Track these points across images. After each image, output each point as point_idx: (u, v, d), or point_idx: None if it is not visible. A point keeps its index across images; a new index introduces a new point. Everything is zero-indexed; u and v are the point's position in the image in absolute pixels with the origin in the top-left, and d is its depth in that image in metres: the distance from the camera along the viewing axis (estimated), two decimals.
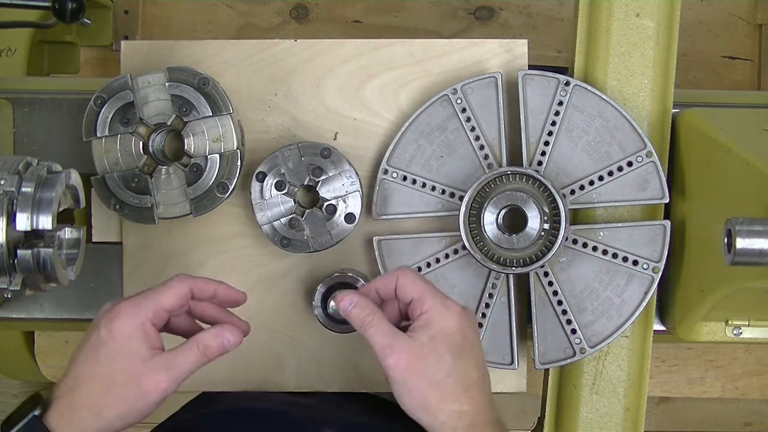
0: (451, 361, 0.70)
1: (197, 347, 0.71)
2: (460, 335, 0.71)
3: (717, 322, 0.88)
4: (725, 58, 1.77)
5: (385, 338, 0.70)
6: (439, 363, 0.70)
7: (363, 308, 0.72)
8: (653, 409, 1.80)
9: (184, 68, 0.83)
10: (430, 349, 0.70)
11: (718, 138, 0.80)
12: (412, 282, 0.73)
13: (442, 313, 0.71)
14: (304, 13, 1.80)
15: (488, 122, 0.88)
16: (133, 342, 0.69)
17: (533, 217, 0.83)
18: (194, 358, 0.71)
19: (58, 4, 0.89)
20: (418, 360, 0.69)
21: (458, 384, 0.70)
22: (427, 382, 0.69)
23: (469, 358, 0.72)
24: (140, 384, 0.69)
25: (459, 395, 0.70)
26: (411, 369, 0.69)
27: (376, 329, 0.71)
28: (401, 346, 0.70)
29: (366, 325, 0.71)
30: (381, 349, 0.70)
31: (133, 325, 0.69)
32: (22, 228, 0.70)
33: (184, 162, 0.83)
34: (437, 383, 0.70)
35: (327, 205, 0.85)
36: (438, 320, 0.71)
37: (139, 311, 0.70)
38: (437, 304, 0.71)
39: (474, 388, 0.71)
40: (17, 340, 1.33)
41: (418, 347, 0.70)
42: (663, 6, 0.87)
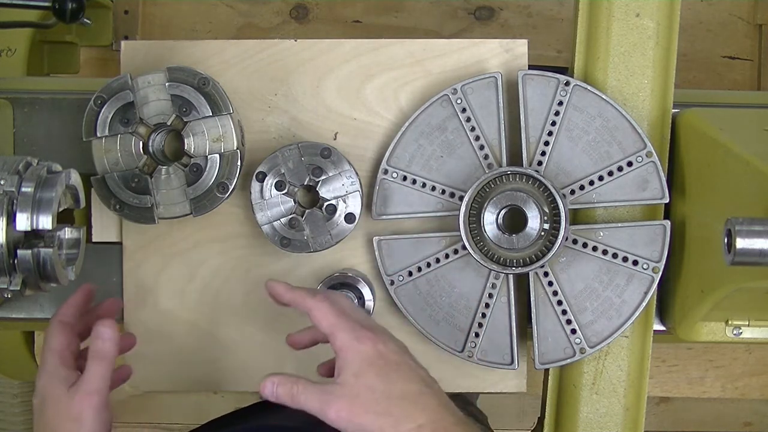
0: (383, 387, 0.69)
1: (94, 360, 0.76)
2: (381, 360, 0.70)
3: (717, 322, 0.88)
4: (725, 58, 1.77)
5: (317, 398, 0.70)
6: (373, 395, 0.69)
7: (284, 384, 0.72)
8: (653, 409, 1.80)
9: (184, 68, 0.83)
10: (360, 386, 0.69)
11: (718, 138, 0.80)
12: (323, 317, 0.72)
13: (356, 347, 0.70)
14: (304, 13, 1.81)
15: (488, 122, 0.88)
16: (50, 389, 0.76)
17: (533, 217, 0.83)
18: (99, 369, 0.76)
19: (58, 4, 0.88)
20: (355, 400, 0.69)
21: (403, 403, 0.69)
22: (373, 416, 0.69)
23: (401, 376, 0.71)
24: (76, 416, 0.74)
25: (410, 412, 0.69)
26: (353, 412, 0.69)
27: (305, 395, 0.70)
28: (334, 397, 0.69)
29: (295, 397, 0.71)
30: (319, 410, 0.70)
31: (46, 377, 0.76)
32: (22, 228, 0.70)
33: (184, 162, 0.83)
34: (383, 412, 0.69)
35: (327, 205, 0.85)
36: (354, 355, 0.70)
37: (45, 366, 0.77)
38: (348, 339, 0.71)
39: (422, 399, 0.70)
40: (17, 340, 1.33)
41: (348, 389, 0.69)
42: (663, 6, 0.87)
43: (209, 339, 0.92)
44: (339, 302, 0.74)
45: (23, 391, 1.51)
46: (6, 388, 1.51)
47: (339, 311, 0.73)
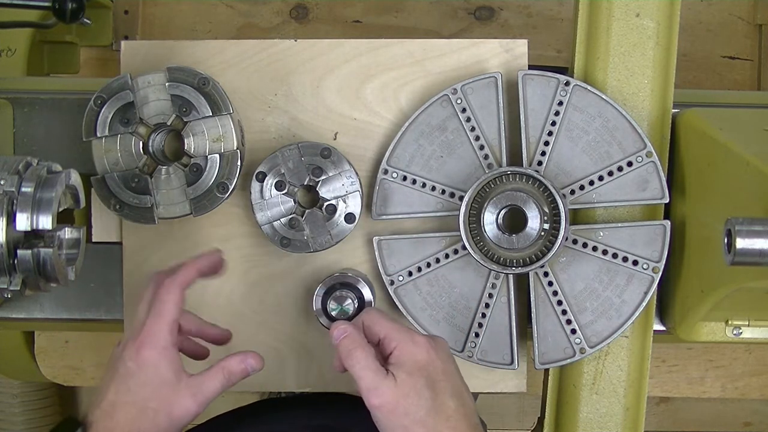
0: (429, 396, 0.71)
1: (222, 373, 0.76)
2: (432, 367, 0.72)
3: (717, 322, 0.88)
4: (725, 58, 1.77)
5: (370, 377, 0.72)
6: (419, 400, 0.71)
7: (351, 341, 0.74)
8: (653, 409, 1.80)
9: (184, 68, 0.83)
10: (410, 387, 0.71)
11: (718, 138, 0.80)
12: (376, 322, 0.75)
13: (411, 349, 0.72)
14: (304, 13, 1.81)
15: (488, 122, 0.88)
16: (160, 370, 0.74)
17: (533, 217, 0.83)
18: (219, 384, 0.75)
19: (58, 4, 0.88)
20: (402, 399, 0.71)
21: (439, 418, 0.71)
22: (410, 421, 0.70)
23: (445, 388, 0.72)
24: (171, 410, 0.74)
25: (441, 428, 0.71)
26: (396, 411, 0.71)
27: (362, 366, 0.72)
28: (385, 387, 0.71)
29: (354, 360, 0.73)
30: (365, 389, 0.71)
31: (157, 353, 0.74)
32: (22, 228, 0.70)
33: (184, 162, 0.83)
34: (420, 421, 0.71)
35: (327, 205, 0.85)
36: (408, 356, 0.72)
37: (157, 338, 0.74)
38: (404, 340, 0.73)
39: (454, 418, 0.72)
40: (17, 340, 1.33)
41: (398, 387, 0.71)
42: (663, 6, 0.87)
43: None
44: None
45: (23, 391, 1.52)
46: (6, 388, 1.52)
47: (390, 317, 0.76)
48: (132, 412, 0.73)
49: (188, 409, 0.74)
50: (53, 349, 1.32)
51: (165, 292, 0.75)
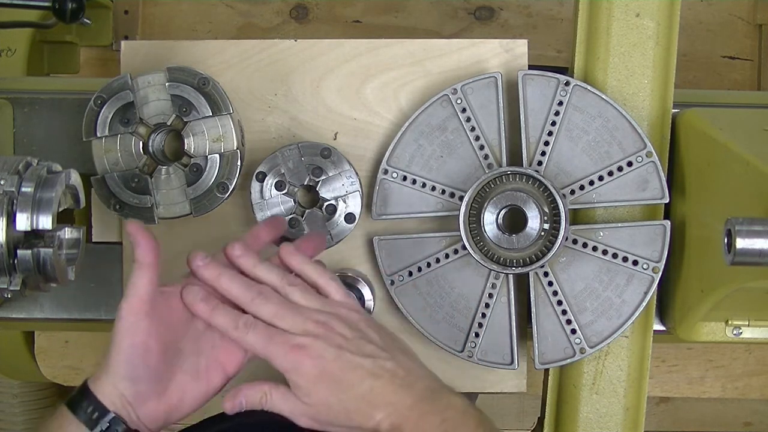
0: (336, 399, 0.71)
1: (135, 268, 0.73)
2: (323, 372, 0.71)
3: (717, 322, 0.88)
4: (725, 58, 1.77)
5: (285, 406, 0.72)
6: (330, 409, 0.71)
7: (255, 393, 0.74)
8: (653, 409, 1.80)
9: (184, 68, 0.83)
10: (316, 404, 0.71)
11: (718, 138, 0.80)
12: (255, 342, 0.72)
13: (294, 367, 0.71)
14: (304, 13, 1.81)
15: (488, 122, 0.88)
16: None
17: (533, 217, 0.83)
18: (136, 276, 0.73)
19: (58, 4, 0.89)
20: (318, 417, 0.71)
21: (359, 405, 0.71)
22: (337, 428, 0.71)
23: (348, 378, 0.71)
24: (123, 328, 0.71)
25: (366, 412, 0.71)
26: (319, 421, 0.71)
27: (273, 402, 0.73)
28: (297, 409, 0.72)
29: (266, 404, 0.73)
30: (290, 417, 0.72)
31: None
32: (22, 228, 0.70)
33: (184, 162, 0.83)
34: (345, 422, 0.71)
35: (327, 205, 0.85)
36: (297, 376, 0.71)
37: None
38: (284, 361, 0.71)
39: (374, 393, 0.71)
40: (17, 340, 1.33)
41: (307, 408, 0.71)
42: (663, 6, 0.87)
43: None
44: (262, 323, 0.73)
45: (23, 391, 1.51)
46: (6, 388, 1.51)
47: (268, 335, 0.72)
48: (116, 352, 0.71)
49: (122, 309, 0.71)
50: (53, 349, 1.32)
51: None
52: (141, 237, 0.72)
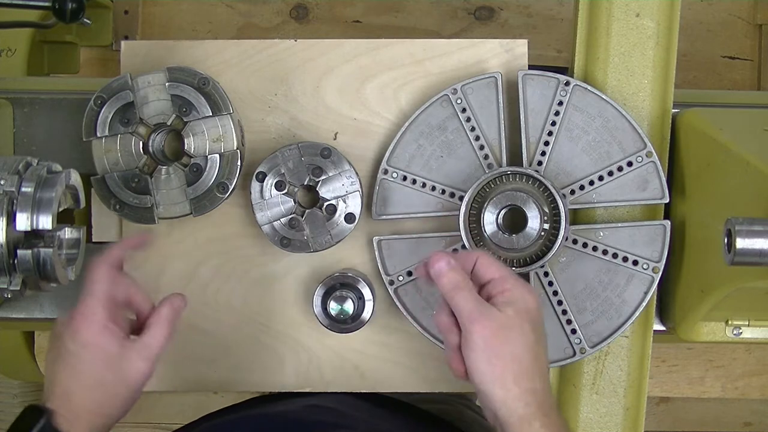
0: (533, 338, 0.71)
1: (159, 324, 0.76)
2: (538, 315, 0.73)
3: (717, 322, 0.88)
4: (725, 58, 1.77)
5: (475, 305, 0.71)
6: (522, 337, 0.71)
7: (457, 273, 0.73)
8: (653, 409, 1.80)
9: (184, 68, 0.83)
10: (516, 323, 0.71)
11: (718, 138, 0.80)
12: (492, 263, 0.74)
13: (524, 294, 0.72)
14: (304, 13, 1.81)
15: (488, 122, 0.88)
16: (102, 344, 0.73)
17: (533, 217, 0.83)
18: (162, 334, 0.76)
19: (58, 4, 0.88)
20: (504, 331, 0.70)
21: (535, 361, 0.71)
22: (509, 353, 0.70)
23: (543, 340, 0.73)
24: (125, 377, 0.74)
25: (535, 373, 0.71)
26: (496, 338, 0.70)
27: (466, 295, 0.72)
28: (488, 315, 0.70)
29: (457, 289, 0.72)
30: (469, 314, 0.71)
31: (94, 329, 0.73)
32: (22, 228, 0.70)
33: (184, 162, 0.83)
34: (518, 357, 0.70)
35: (327, 205, 0.85)
36: (521, 298, 0.72)
37: (93, 316, 0.74)
38: (519, 285, 0.73)
39: (545, 368, 0.73)
40: (17, 340, 1.33)
41: (504, 319, 0.71)
42: (663, 6, 0.87)
43: (209, 339, 0.92)
44: None
45: (23, 391, 1.51)
46: (6, 388, 1.51)
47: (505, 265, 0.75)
48: (88, 392, 0.73)
49: (142, 371, 0.75)
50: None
51: (94, 270, 0.75)
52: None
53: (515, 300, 0.72)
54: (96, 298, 0.74)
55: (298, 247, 0.86)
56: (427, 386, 0.91)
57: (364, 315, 0.86)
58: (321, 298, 0.86)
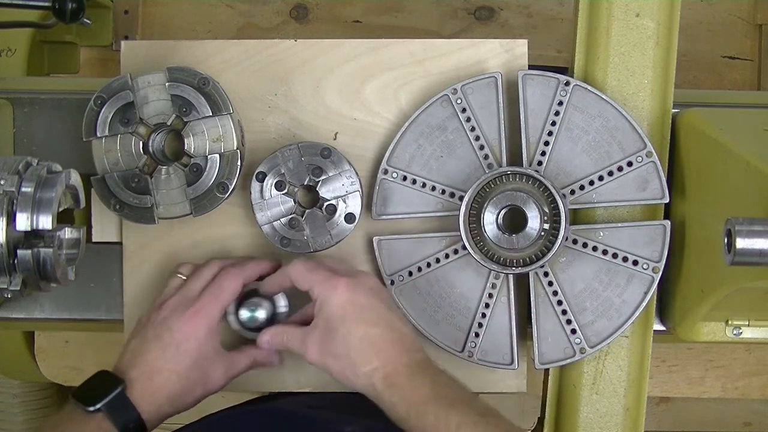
0: (344, 332, 0.76)
1: (250, 358, 0.84)
2: (349, 305, 0.77)
3: (717, 322, 0.88)
4: (725, 58, 1.77)
5: (297, 340, 0.80)
6: (337, 339, 0.76)
7: (274, 334, 0.82)
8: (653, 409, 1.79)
9: (184, 68, 0.83)
10: (327, 330, 0.77)
11: (718, 138, 0.80)
12: (300, 275, 0.80)
13: (329, 294, 0.77)
14: (304, 13, 1.81)
15: (488, 122, 0.88)
16: (204, 345, 0.80)
17: (533, 217, 0.83)
18: (246, 366, 0.84)
19: (58, 4, 0.88)
20: (323, 344, 0.77)
21: (360, 348, 0.76)
22: (335, 358, 0.77)
23: (365, 320, 0.77)
24: (206, 381, 0.81)
25: (366, 356, 0.76)
26: (322, 354, 0.77)
27: (288, 339, 0.81)
28: (309, 340, 0.78)
29: (282, 344, 0.81)
30: (298, 350, 0.80)
31: (204, 329, 0.80)
32: (22, 228, 0.70)
33: (184, 162, 0.83)
34: (344, 356, 0.76)
35: (327, 205, 0.85)
36: (326, 302, 0.77)
37: (209, 317, 0.80)
38: (323, 288, 0.78)
39: (382, 343, 0.76)
40: (17, 340, 1.33)
41: (319, 334, 0.78)
42: (663, 6, 0.87)
43: None
44: (313, 258, 0.83)
45: (23, 391, 1.51)
46: (6, 388, 1.51)
47: (312, 266, 0.80)
48: (173, 379, 0.78)
49: (220, 383, 0.81)
50: (53, 349, 1.32)
51: (228, 278, 0.82)
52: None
53: (321, 307, 0.78)
54: (219, 303, 0.81)
55: (298, 247, 0.86)
56: None
57: (279, 320, 0.86)
58: (235, 305, 0.85)
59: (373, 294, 0.79)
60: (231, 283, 0.82)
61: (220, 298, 0.81)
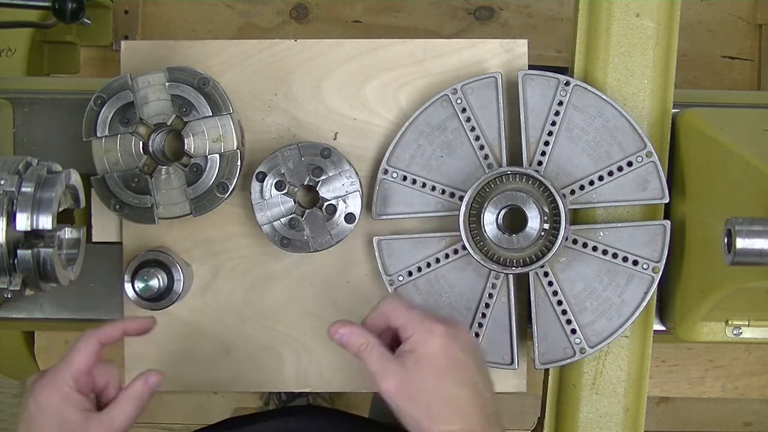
0: (433, 384, 0.72)
1: (130, 401, 0.76)
2: (443, 356, 0.72)
3: (717, 322, 0.88)
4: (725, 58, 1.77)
5: (378, 363, 0.73)
6: (423, 387, 0.72)
7: (354, 334, 0.75)
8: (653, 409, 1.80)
9: (184, 68, 0.83)
10: (415, 374, 0.72)
11: (718, 138, 0.80)
12: (396, 310, 0.75)
13: (425, 338, 0.73)
14: (304, 13, 1.81)
15: (488, 122, 0.88)
16: (64, 412, 0.74)
17: (533, 217, 0.83)
18: (131, 411, 0.76)
19: (58, 4, 0.89)
20: (406, 384, 0.72)
21: (445, 405, 0.72)
22: (415, 405, 0.71)
23: (456, 377, 0.73)
24: None
25: (448, 416, 0.71)
26: (400, 394, 0.72)
27: (367, 351, 0.74)
28: (391, 372, 0.72)
29: (361, 352, 0.74)
30: (374, 374, 0.73)
31: (58, 396, 0.74)
32: (22, 228, 0.70)
33: (184, 162, 0.83)
34: (425, 406, 0.71)
35: (327, 205, 0.85)
36: (421, 345, 0.73)
37: (59, 383, 0.74)
38: (420, 329, 0.73)
39: (467, 406, 0.72)
40: (17, 340, 1.33)
41: (404, 372, 0.72)
42: (663, 6, 0.87)
43: (209, 339, 0.92)
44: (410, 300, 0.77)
45: (23, 391, 1.51)
46: (6, 388, 1.52)
47: (409, 304, 0.75)
48: None
49: None
50: (53, 349, 1.32)
51: (82, 341, 0.76)
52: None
53: (415, 348, 0.73)
54: (70, 368, 0.75)
55: (298, 247, 0.86)
56: None
57: (175, 290, 0.86)
58: (131, 274, 0.86)
59: (467, 352, 0.74)
60: (84, 345, 0.76)
61: (69, 361, 0.75)
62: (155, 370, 0.78)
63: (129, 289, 0.86)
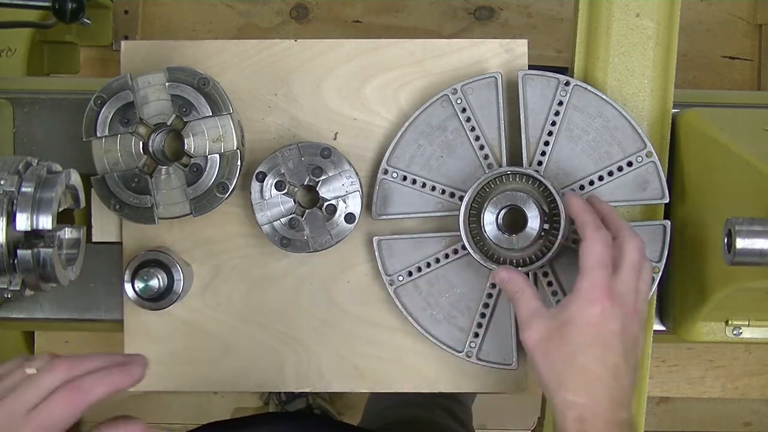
0: (572, 351, 0.71)
1: None
2: (593, 332, 0.71)
3: (717, 322, 0.88)
4: (725, 58, 1.77)
5: (527, 313, 0.75)
6: (562, 351, 0.72)
7: (512, 280, 0.79)
8: (653, 409, 1.80)
9: (184, 68, 0.83)
10: (558, 337, 0.72)
11: (718, 138, 0.80)
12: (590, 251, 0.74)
13: (583, 307, 0.72)
14: (304, 13, 1.81)
15: (488, 122, 0.88)
16: None
17: (533, 217, 0.83)
18: None
19: (58, 4, 0.89)
20: (546, 342, 0.73)
21: (576, 375, 0.71)
22: (549, 365, 0.72)
23: (597, 355, 0.71)
24: None
25: (575, 386, 0.71)
26: (538, 349, 0.73)
27: (522, 302, 0.76)
28: (536, 326, 0.74)
29: (515, 298, 0.77)
30: (521, 321, 0.76)
31: None
32: (22, 228, 0.70)
33: (184, 162, 0.83)
34: (557, 370, 0.72)
35: (327, 205, 0.85)
36: (576, 308, 0.72)
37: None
38: (588, 291, 0.72)
39: (597, 384, 0.71)
40: (17, 340, 1.33)
41: (548, 331, 0.73)
42: (663, 6, 0.87)
43: (209, 339, 0.92)
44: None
45: None
46: None
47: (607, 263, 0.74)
48: None
49: None
50: (53, 349, 1.31)
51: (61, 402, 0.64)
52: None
53: (570, 308, 0.72)
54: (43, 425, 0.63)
55: (298, 247, 0.86)
56: (426, 386, 0.91)
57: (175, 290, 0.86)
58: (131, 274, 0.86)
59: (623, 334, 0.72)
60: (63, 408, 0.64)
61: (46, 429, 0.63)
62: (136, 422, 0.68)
63: (129, 289, 0.86)
